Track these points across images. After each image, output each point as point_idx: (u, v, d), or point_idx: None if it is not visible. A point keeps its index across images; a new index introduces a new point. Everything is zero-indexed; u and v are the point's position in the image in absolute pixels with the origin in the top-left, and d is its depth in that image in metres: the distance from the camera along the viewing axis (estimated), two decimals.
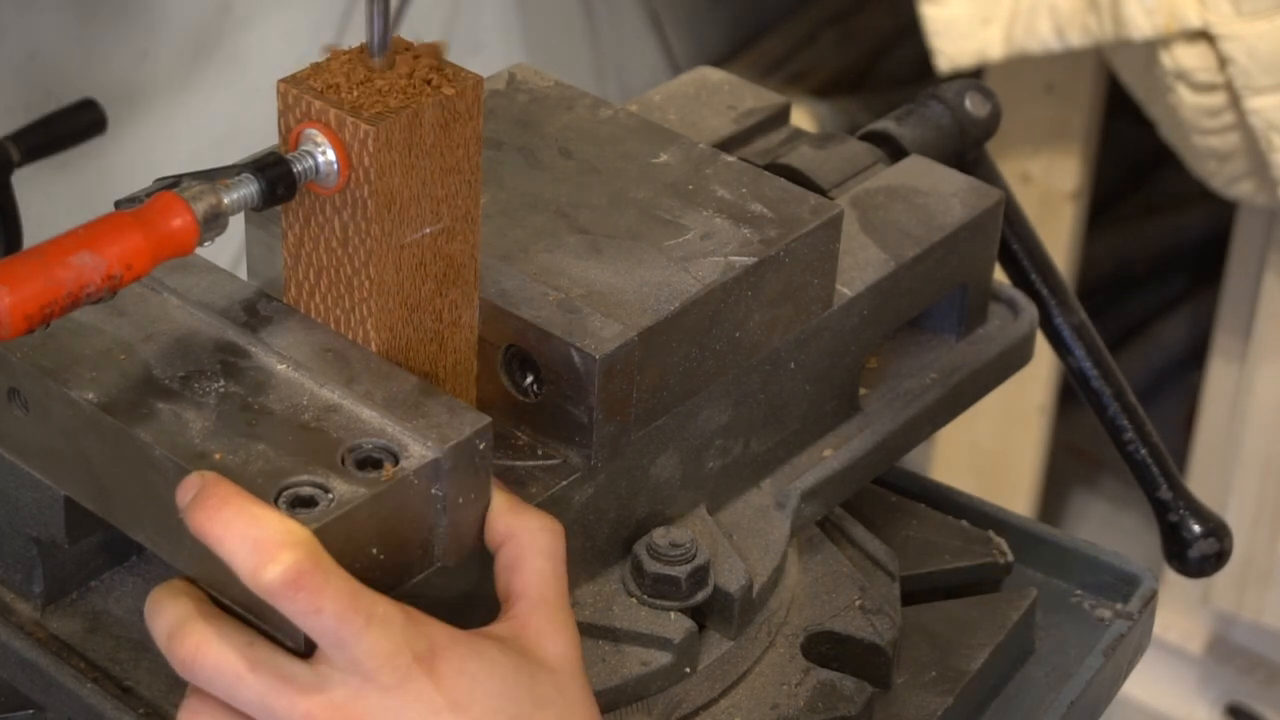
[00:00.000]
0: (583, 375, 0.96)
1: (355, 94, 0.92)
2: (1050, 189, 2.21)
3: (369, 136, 0.91)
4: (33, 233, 1.56)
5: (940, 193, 1.17)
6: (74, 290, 0.84)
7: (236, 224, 0.92)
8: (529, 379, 0.99)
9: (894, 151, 1.22)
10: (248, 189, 0.91)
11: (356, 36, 2.06)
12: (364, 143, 0.91)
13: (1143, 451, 1.29)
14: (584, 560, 1.01)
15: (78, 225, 0.86)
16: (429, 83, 0.93)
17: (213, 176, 0.90)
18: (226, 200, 0.89)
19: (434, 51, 0.94)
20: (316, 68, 0.94)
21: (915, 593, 1.14)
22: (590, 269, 1.02)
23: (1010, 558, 1.18)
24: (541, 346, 0.97)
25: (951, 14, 1.99)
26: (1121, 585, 1.19)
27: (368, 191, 0.91)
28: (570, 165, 1.11)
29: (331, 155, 0.92)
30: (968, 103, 1.24)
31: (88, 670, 0.98)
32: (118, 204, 0.92)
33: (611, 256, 1.03)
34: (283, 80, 0.94)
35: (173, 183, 0.90)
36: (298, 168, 0.92)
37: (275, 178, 0.91)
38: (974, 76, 2.20)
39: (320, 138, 0.92)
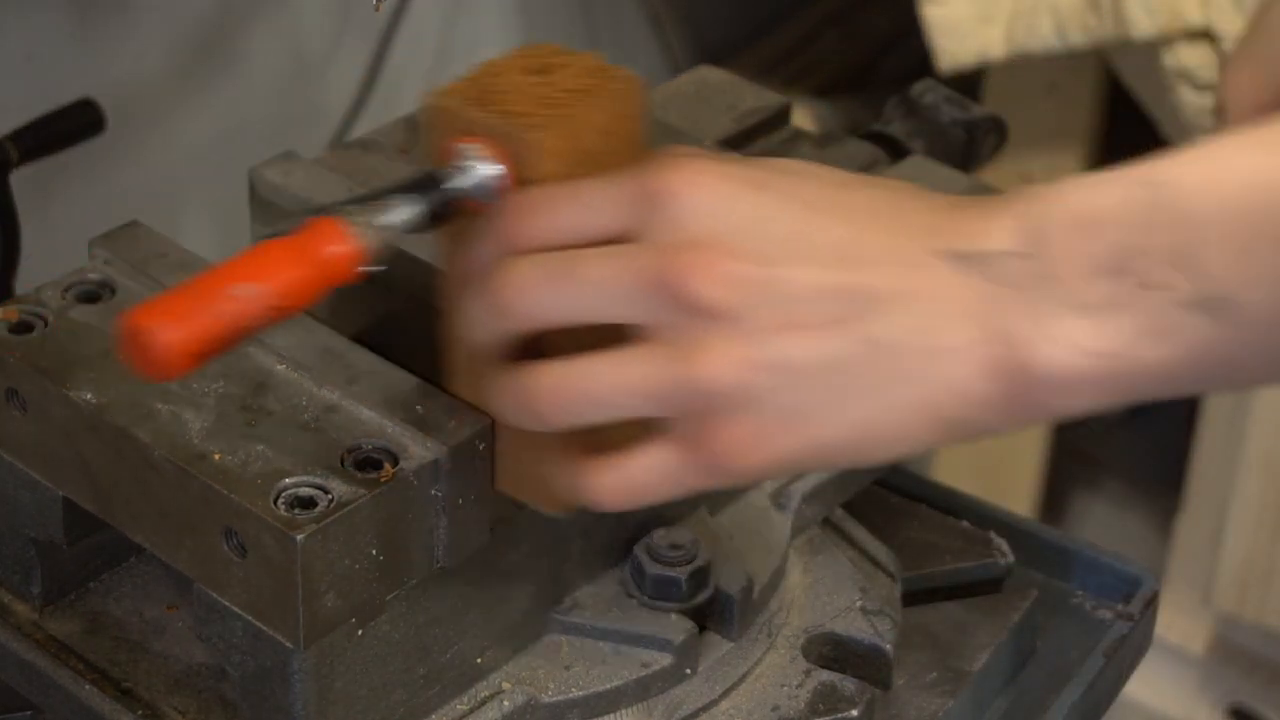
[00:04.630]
0: None
1: (512, 103, 0.87)
2: None
3: (531, 146, 0.86)
4: (31, 233, 1.56)
5: (942, 192, 1.16)
6: (238, 324, 0.80)
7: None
8: None
9: (895, 151, 1.22)
10: (410, 211, 0.86)
11: (356, 36, 2.06)
12: (525, 153, 0.86)
13: None
14: (584, 561, 1.01)
15: (228, 256, 0.81)
16: (588, 87, 0.88)
17: (370, 201, 0.86)
18: (388, 222, 0.85)
19: (591, 55, 0.90)
20: (470, 80, 0.89)
21: (916, 593, 1.14)
22: None
23: (1011, 558, 1.18)
24: None
25: (953, 14, 1.99)
26: (1123, 586, 1.19)
27: None
28: None
29: (492, 169, 0.87)
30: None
31: (86, 671, 0.98)
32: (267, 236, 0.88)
33: None
34: (431, 94, 0.89)
35: (328, 209, 0.85)
36: (460, 184, 0.87)
37: (438, 198, 0.86)
38: (976, 76, 2.20)
39: (478, 151, 0.87)
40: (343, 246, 0.83)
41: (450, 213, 0.87)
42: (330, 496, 0.87)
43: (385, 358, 0.95)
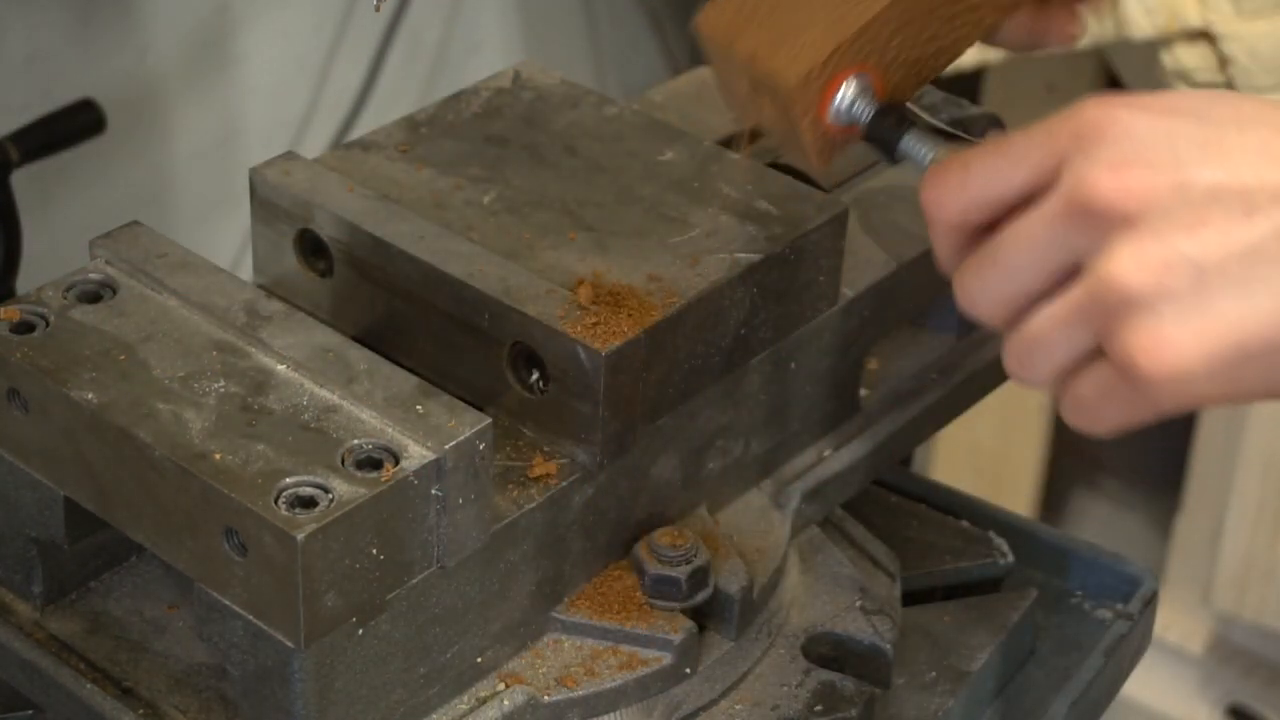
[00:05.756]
0: (589, 372, 0.96)
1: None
2: None
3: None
4: (32, 233, 1.56)
5: None
6: None
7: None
8: (535, 376, 0.99)
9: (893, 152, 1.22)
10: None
11: (357, 36, 2.06)
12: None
13: None
14: (584, 560, 1.01)
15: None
16: None
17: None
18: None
19: None
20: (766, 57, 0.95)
21: (915, 593, 1.14)
22: (596, 266, 1.02)
23: (1010, 558, 1.18)
24: (547, 343, 0.97)
25: None
26: (1122, 586, 1.19)
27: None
28: (576, 162, 1.11)
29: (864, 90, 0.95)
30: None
31: (87, 671, 0.98)
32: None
33: (617, 253, 1.03)
34: (797, 89, 0.94)
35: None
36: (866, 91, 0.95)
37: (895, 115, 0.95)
38: (975, 76, 2.20)
39: (855, 83, 0.95)
40: None
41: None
42: (330, 496, 0.87)
43: (385, 358, 0.95)
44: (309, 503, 0.86)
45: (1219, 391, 0.79)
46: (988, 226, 0.85)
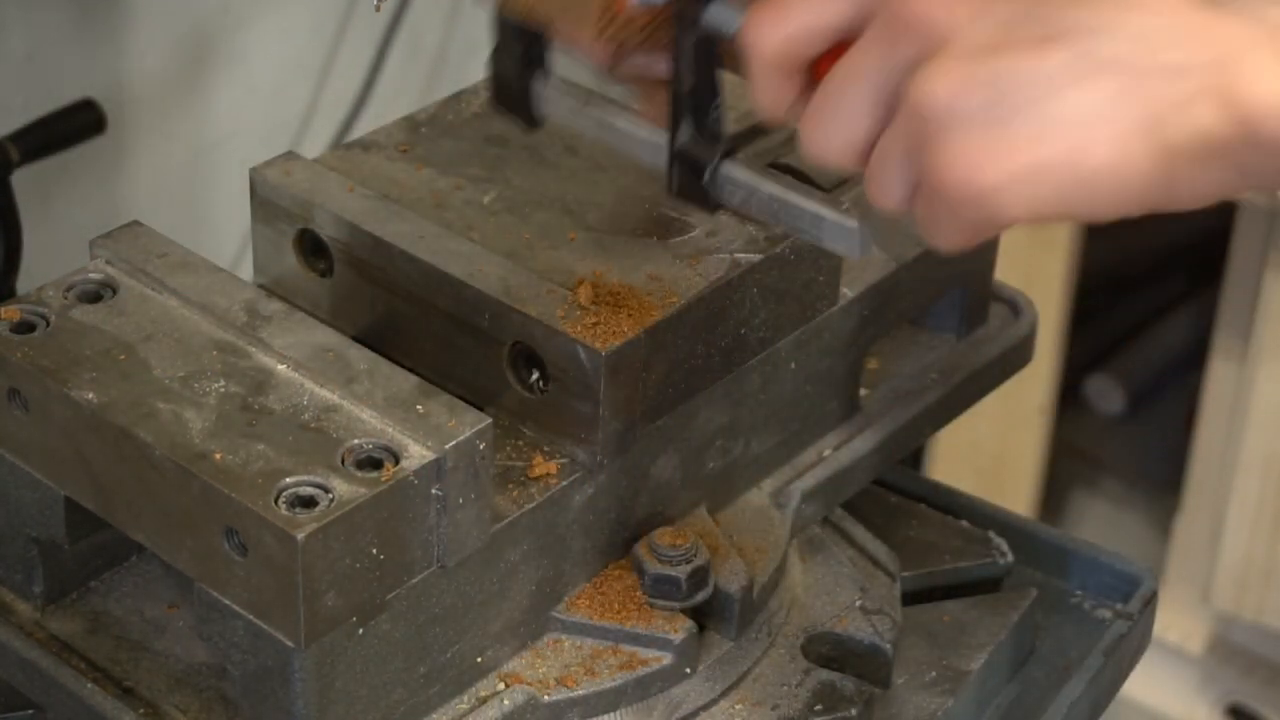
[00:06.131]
0: (589, 372, 0.96)
1: None
2: None
3: None
4: (33, 233, 1.56)
5: None
6: None
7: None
8: (535, 376, 0.99)
9: None
10: None
11: (357, 36, 2.06)
12: None
13: None
14: (584, 560, 1.01)
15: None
16: None
17: None
18: None
19: None
20: None
21: (915, 593, 1.14)
22: (596, 266, 1.02)
23: (1010, 558, 1.18)
24: (547, 343, 0.97)
25: None
26: (1122, 585, 1.19)
27: None
28: (576, 162, 1.11)
29: None
30: None
31: (88, 671, 0.98)
32: None
33: (617, 253, 1.03)
34: None
35: None
36: None
37: None
38: None
39: None
40: None
41: None
42: (331, 496, 0.87)
43: (385, 358, 0.95)
44: (309, 502, 0.87)
45: (1023, 211, 0.80)
46: (814, 76, 0.85)
